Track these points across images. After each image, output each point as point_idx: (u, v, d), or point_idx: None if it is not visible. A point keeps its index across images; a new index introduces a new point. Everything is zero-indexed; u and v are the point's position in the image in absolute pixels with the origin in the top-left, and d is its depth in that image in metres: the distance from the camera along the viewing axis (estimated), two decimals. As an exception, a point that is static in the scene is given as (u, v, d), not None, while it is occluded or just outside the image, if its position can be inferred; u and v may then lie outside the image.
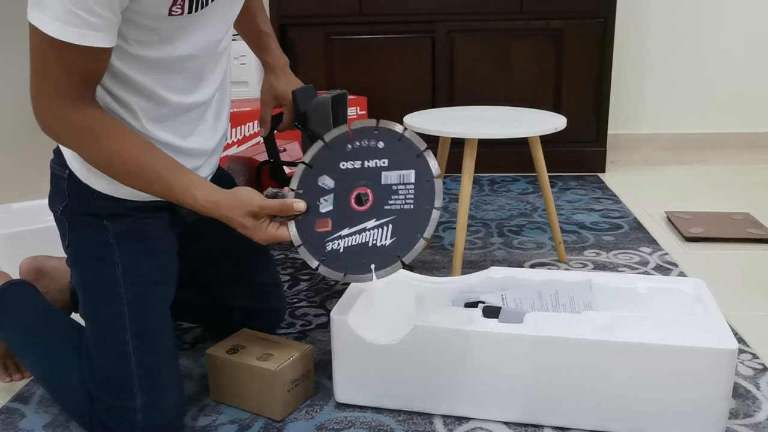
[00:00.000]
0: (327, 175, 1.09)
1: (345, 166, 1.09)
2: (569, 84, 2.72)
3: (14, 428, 1.19)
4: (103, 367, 1.12)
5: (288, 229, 1.08)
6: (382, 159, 1.09)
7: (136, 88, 1.09)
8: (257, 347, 1.24)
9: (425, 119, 1.77)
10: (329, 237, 1.08)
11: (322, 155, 1.10)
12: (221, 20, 1.14)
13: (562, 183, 2.68)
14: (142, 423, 1.09)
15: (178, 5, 1.01)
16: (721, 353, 1.06)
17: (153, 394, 1.10)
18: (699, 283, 1.29)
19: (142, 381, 1.10)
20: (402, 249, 1.08)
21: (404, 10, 2.67)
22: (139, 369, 1.10)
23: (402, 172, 1.09)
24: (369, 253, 1.08)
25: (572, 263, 1.86)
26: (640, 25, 3.07)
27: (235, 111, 2.31)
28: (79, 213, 1.16)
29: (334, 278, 1.09)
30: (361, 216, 1.09)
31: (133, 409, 1.09)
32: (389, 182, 1.09)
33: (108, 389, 1.11)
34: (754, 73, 3.10)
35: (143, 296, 1.14)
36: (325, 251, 1.08)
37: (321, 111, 1.32)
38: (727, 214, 2.22)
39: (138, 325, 1.12)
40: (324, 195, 1.09)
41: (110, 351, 1.12)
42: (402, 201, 1.08)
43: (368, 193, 1.09)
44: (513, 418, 1.16)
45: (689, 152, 3.13)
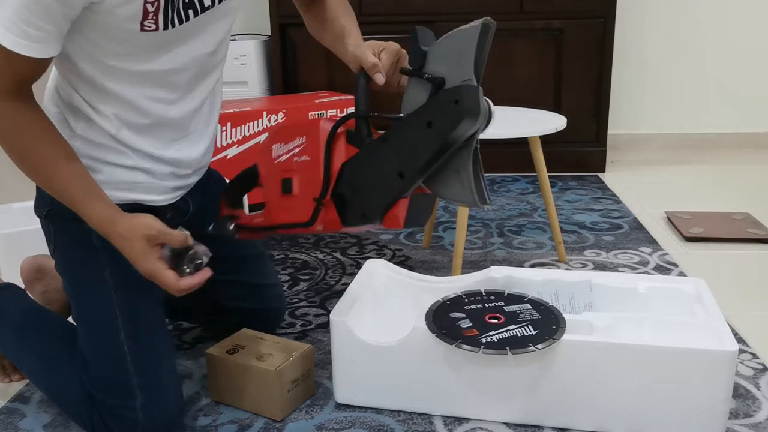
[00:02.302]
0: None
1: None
2: (569, 84, 2.72)
3: (14, 428, 1.19)
4: (100, 368, 1.12)
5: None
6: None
7: (114, 98, 1.09)
8: (257, 347, 1.24)
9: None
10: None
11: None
12: (209, 36, 1.13)
13: (562, 183, 2.67)
14: (144, 422, 1.09)
15: (150, 20, 1.01)
16: (722, 355, 1.06)
17: (152, 392, 1.10)
18: (699, 283, 1.29)
19: (140, 380, 1.10)
20: None
21: (404, 10, 2.67)
22: (136, 368, 1.10)
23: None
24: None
25: (572, 263, 1.86)
26: (640, 25, 3.07)
27: (235, 111, 2.32)
28: (62, 217, 1.15)
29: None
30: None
31: (134, 408, 1.09)
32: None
33: (107, 390, 1.11)
34: (754, 73, 3.10)
35: (134, 296, 1.14)
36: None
37: (460, 47, 0.94)
38: (727, 214, 2.22)
39: (131, 325, 1.12)
40: None
41: (106, 352, 1.12)
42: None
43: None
44: (513, 419, 1.16)
45: (689, 152, 3.13)
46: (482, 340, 1.12)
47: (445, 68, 0.94)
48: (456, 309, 1.22)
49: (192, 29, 1.09)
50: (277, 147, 1.08)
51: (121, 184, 1.16)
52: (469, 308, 1.23)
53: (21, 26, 0.92)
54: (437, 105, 0.92)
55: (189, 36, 1.10)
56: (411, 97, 0.98)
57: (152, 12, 1.01)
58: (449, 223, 2.23)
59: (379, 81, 1.02)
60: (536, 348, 1.09)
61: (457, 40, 0.94)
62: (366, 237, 2.10)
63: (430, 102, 0.94)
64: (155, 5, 1.00)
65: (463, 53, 0.93)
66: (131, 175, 1.16)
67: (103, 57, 1.05)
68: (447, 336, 1.13)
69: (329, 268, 1.86)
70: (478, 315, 1.20)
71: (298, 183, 1.05)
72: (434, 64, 0.95)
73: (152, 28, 1.02)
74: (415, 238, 2.09)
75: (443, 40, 0.95)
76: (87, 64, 1.06)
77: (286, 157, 1.06)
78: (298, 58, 2.78)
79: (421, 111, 0.94)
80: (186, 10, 1.05)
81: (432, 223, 1.98)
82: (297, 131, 1.05)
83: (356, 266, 1.87)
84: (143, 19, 1.01)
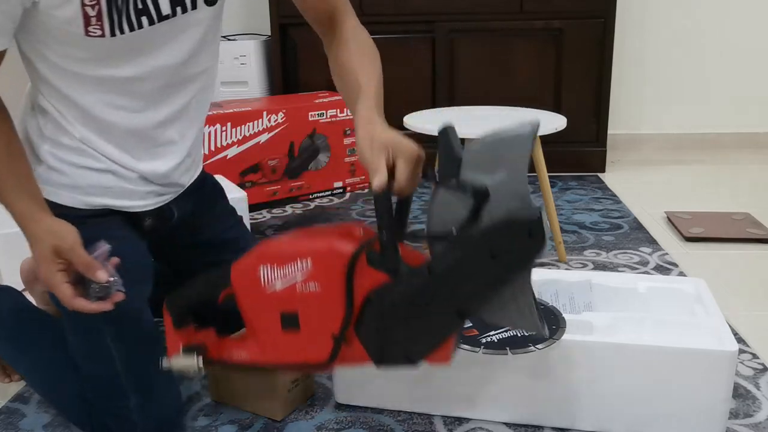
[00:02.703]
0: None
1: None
2: (569, 84, 2.72)
3: (14, 428, 1.19)
4: (92, 372, 1.12)
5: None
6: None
7: (71, 101, 1.07)
8: None
9: (425, 119, 1.76)
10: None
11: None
12: (175, 47, 1.09)
13: (562, 183, 2.67)
14: (142, 422, 1.09)
15: (95, 26, 0.98)
16: (722, 355, 1.06)
17: (145, 392, 1.10)
18: (699, 283, 1.29)
19: (131, 382, 1.10)
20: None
21: (404, 10, 2.67)
22: (126, 371, 1.10)
23: None
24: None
25: (572, 263, 1.86)
26: (640, 25, 3.07)
27: (235, 111, 2.32)
28: None
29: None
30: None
31: (129, 409, 1.09)
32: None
33: (101, 393, 1.11)
34: (754, 73, 3.10)
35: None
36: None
37: (506, 153, 0.83)
38: (727, 214, 2.22)
39: (116, 328, 1.11)
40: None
41: (95, 357, 1.11)
42: None
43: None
44: (513, 419, 1.16)
45: (689, 152, 3.13)
46: (482, 340, 1.12)
47: (486, 177, 0.82)
48: None
49: (151, 38, 1.04)
50: (266, 271, 0.87)
51: (90, 189, 1.13)
52: None
53: None
54: (503, 235, 0.79)
55: (149, 45, 1.05)
56: (442, 208, 0.84)
57: (94, 16, 0.97)
58: (449, 223, 2.22)
59: (375, 185, 0.85)
60: (536, 348, 1.09)
61: (502, 146, 0.83)
62: (366, 237, 2.10)
63: (492, 229, 0.80)
64: (96, 9, 0.96)
65: (510, 161, 0.82)
66: (100, 179, 1.14)
67: (56, 58, 1.03)
68: None
69: (329, 268, 1.86)
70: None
71: (306, 318, 0.87)
72: (471, 171, 0.83)
73: (98, 33, 0.98)
74: (415, 238, 2.09)
75: (482, 145, 0.83)
76: (42, 65, 1.05)
77: (283, 285, 0.87)
78: (298, 58, 2.78)
79: (479, 239, 0.80)
80: (139, 17, 1.01)
81: (432, 223, 1.98)
82: (297, 253, 0.85)
83: (356, 266, 1.87)
84: (87, 24, 0.97)
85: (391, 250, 0.83)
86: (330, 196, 2.56)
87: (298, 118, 2.42)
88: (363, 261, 0.84)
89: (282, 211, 2.40)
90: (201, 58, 1.14)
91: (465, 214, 0.82)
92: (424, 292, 0.82)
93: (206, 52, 1.15)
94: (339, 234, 0.87)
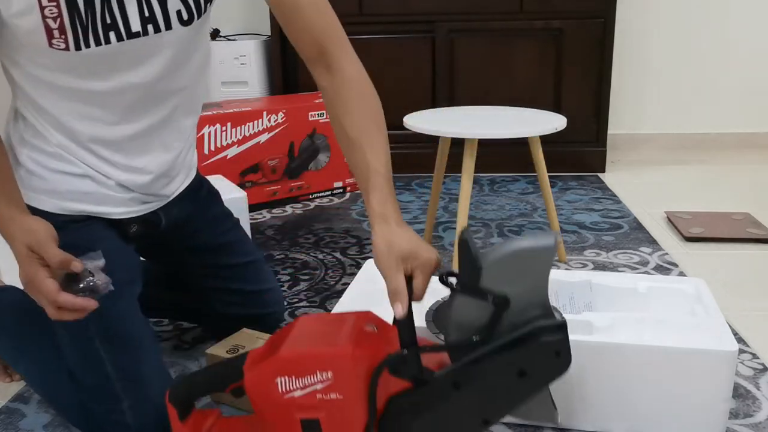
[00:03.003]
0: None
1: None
2: (569, 84, 2.72)
3: (14, 428, 1.19)
4: (83, 376, 1.12)
5: None
6: None
7: (42, 108, 1.06)
8: (257, 347, 1.24)
9: (425, 119, 1.76)
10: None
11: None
12: (147, 64, 1.05)
13: (562, 183, 2.67)
14: (135, 424, 1.08)
15: (59, 39, 0.95)
16: (722, 355, 1.06)
17: (137, 393, 1.09)
18: (699, 282, 1.29)
19: (122, 383, 1.09)
20: None
21: (404, 10, 2.67)
22: (117, 372, 1.09)
23: None
24: None
25: (572, 263, 1.86)
26: (640, 25, 3.07)
27: (235, 111, 2.32)
28: None
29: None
30: None
31: (121, 411, 1.08)
32: None
33: (93, 396, 1.11)
34: (755, 73, 3.10)
35: (103, 302, 1.13)
36: None
37: (527, 266, 0.85)
38: (727, 214, 2.22)
39: (104, 330, 1.10)
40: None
41: (85, 360, 1.11)
42: None
43: None
44: (513, 419, 1.16)
45: (689, 152, 3.13)
46: None
47: (507, 287, 0.84)
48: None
49: (121, 54, 1.02)
50: (283, 380, 0.86)
51: (70, 194, 1.12)
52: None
53: None
54: (530, 353, 0.84)
55: (121, 61, 1.02)
56: (460, 313, 0.87)
57: (56, 29, 0.94)
58: (449, 223, 2.23)
59: (398, 314, 0.87)
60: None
61: (524, 256, 0.84)
62: (366, 237, 2.10)
63: (520, 349, 0.84)
64: (58, 21, 0.93)
65: (532, 271, 0.85)
66: (80, 185, 1.13)
67: (28, 67, 1.02)
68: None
69: (329, 268, 1.86)
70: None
71: (327, 424, 0.87)
72: (491, 280, 0.85)
73: (62, 47, 0.96)
74: (415, 238, 2.09)
75: (504, 255, 0.85)
76: (16, 71, 1.04)
77: (303, 393, 0.86)
78: (298, 58, 2.77)
79: (506, 356, 0.84)
80: (106, 33, 0.98)
81: (432, 223, 1.98)
82: (316, 365, 0.85)
83: (356, 266, 1.87)
84: (49, 37, 0.95)
85: (415, 362, 0.85)
86: (330, 196, 2.56)
87: (298, 118, 2.42)
88: (386, 369, 0.86)
89: (282, 211, 2.40)
90: (179, 74, 1.11)
91: (485, 322, 0.85)
92: (451, 406, 0.85)
93: (185, 69, 1.12)
94: (355, 335, 0.87)
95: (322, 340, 0.88)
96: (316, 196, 2.54)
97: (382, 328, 0.93)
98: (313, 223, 2.25)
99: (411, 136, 2.01)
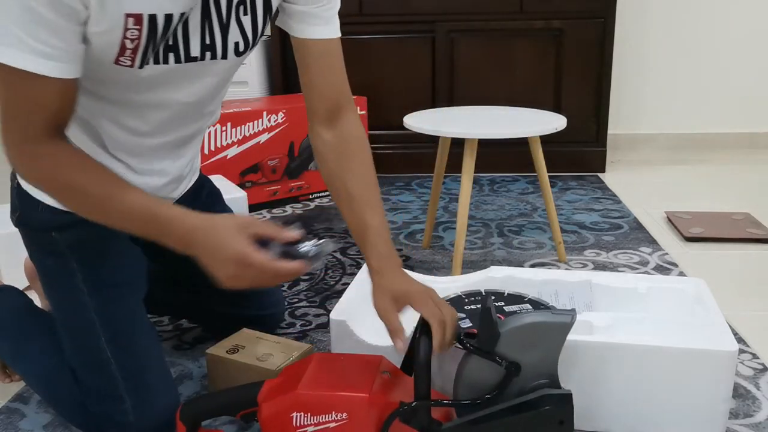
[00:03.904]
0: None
1: None
2: (569, 84, 2.72)
3: (14, 428, 1.19)
4: (86, 375, 1.12)
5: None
6: None
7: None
8: (257, 347, 1.24)
9: (425, 119, 1.76)
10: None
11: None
12: (195, 86, 1.07)
13: (562, 183, 2.67)
14: (136, 424, 1.09)
15: (128, 57, 0.95)
16: (722, 355, 1.06)
17: (140, 394, 1.10)
18: (699, 283, 1.29)
19: (126, 384, 1.09)
20: None
21: (404, 10, 2.67)
22: (122, 372, 1.10)
23: None
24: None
25: (572, 263, 1.86)
26: (640, 25, 3.07)
27: (235, 111, 2.32)
28: (29, 225, 1.14)
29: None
30: None
31: (124, 411, 1.09)
32: None
33: (95, 397, 1.11)
34: (754, 73, 3.10)
35: (109, 300, 1.13)
36: None
37: (543, 338, 0.95)
38: (727, 214, 2.22)
39: (111, 330, 1.11)
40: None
41: (89, 360, 1.11)
42: None
43: None
44: None
45: (689, 152, 3.13)
46: None
47: (520, 355, 0.94)
48: (456, 309, 1.22)
49: (173, 73, 1.02)
50: (298, 416, 0.93)
51: None
52: (469, 308, 1.23)
53: (27, 41, 0.85)
54: (535, 419, 0.93)
55: (171, 79, 1.03)
56: (473, 373, 0.96)
57: (130, 49, 0.94)
58: (449, 223, 2.23)
59: (398, 348, 0.99)
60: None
61: (541, 330, 0.94)
62: (366, 237, 2.10)
63: (526, 414, 0.93)
64: (135, 43, 0.93)
65: (546, 343, 0.95)
66: None
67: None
68: None
69: (329, 268, 1.86)
70: (478, 315, 1.19)
71: None
72: (506, 347, 0.94)
73: (127, 63, 0.96)
74: (415, 238, 2.09)
75: (522, 327, 0.94)
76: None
77: (316, 429, 0.93)
78: (298, 58, 2.77)
79: (512, 419, 0.93)
80: (166, 53, 0.99)
81: (432, 223, 1.98)
82: (334, 405, 0.92)
83: (356, 266, 1.87)
84: (120, 54, 0.94)
85: (425, 414, 0.92)
86: (330, 196, 2.56)
87: (298, 118, 2.42)
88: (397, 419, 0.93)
89: (282, 211, 2.40)
90: (215, 99, 1.15)
91: (495, 383, 0.95)
92: None
93: (220, 94, 1.16)
94: (371, 380, 0.94)
95: (340, 381, 0.95)
96: (316, 196, 2.54)
97: (395, 374, 0.99)
98: (313, 223, 2.25)
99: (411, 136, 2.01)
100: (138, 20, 0.91)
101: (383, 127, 2.74)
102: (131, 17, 0.91)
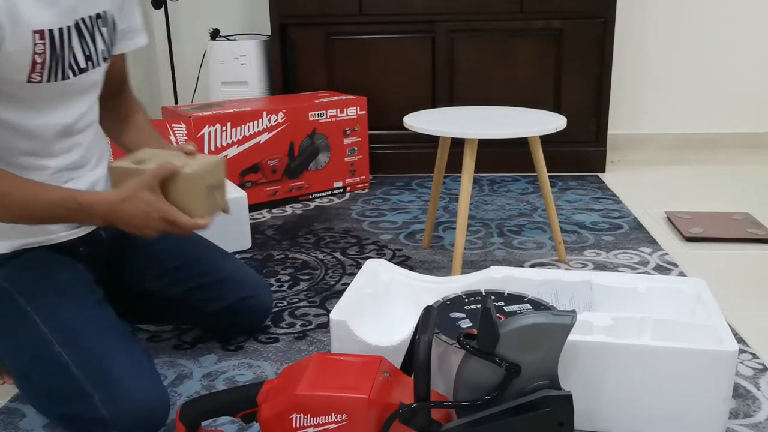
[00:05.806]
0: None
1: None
2: (569, 84, 2.72)
3: (14, 428, 1.19)
4: (48, 384, 1.10)
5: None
6: None
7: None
8: (165, 158, 1.16)
9: (425, 119, 1.77)
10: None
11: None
12: (80, 100, 1.19)
13: (562, 183, 2.67)
14: (111, 417, 1.06)
15: (37, 72, 1.07)
16: (722, 355, 1.06)
17: (108, 387, 1.07)
18: (699, 282, 1.29)
19: (92, 380, 1.08)
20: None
21: (404, 10, 2.67)
22: (83, 371, 1.08)
23: None
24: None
25: (572, 263, 1.86)
26: (640, 25, 3.07)
27: (235, 111, 2.32)
28: None
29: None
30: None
31: (94, 407, 1.07)
32: None
33: (65, 402, 1.10)
34: (754, 73, 3.10)
35: (55, 306, 1.14)
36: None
37: (543, 340, 0.96)
38: (727, 214, 2.22)
39: (62, 333, 1.11)
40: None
41: (48, 369, 1.10)
42: None
43: None
44: None
45: (689, 152, 3.13)
46: None
47: (520, 356, 0.95)
48: (456, 309, 1.22)
49: (69, 89, 1.15)
50: (298, 417, 0.94)
51: (13, 233, 1.17)
52: (469, 308, 1.23)
53: None
54: (535, 420, 0.94)
55: (66, 95, 1.15)
56: (473, 374, 0.97)
57: (40, 64, 1.06)
58: (449, 223, 2.23)
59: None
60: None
61: (541, 331, 0.95)
62: (366, 237, 2.10)
63: (526, 415, 0.94)
64: (42, 57, 1.06)
65: (546, 345, 0.95)
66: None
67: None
68: (447, 336, 1.13)
69: (329, 268, 1.86)
70: (478, 315, 1.20)
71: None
72: (506, 348, 0.95)
73: (37, 80, 1.08)
74: (415, 238, 2.09)
75: (522, 328, 0.94)
76: None
77: (315, 430, 0.94)
78: (298, 58, 2.78)
79: (511, 420, 0.94)
80: (64, 69, 1.12)
81: (432, 223, 1.98)
82: (334, 406, 0.93)
83: (356, 266, 1.87)
84: (31, 72, 1.06)
85: (425, 416, 0.93)
86: (330, 196, 2.56)
87: (298, 118, 2.42)
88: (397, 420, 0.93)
89: (282, 211, 2.40)
90: (92, 111, 1.26)
91: (495, 385, 0.96)
92: None
93: (95, 106, 1.27)
94: (372, 381, 0.94)
95: (340, 382, 0.95)
96: (316, 196, 2.54)
97: (395, 375, 0.99)
98: (313, 223, 2.25)
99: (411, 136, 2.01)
100: (42, 36, 1.05)
101: (383, 127, 2.74)
102: (37, 33, 1.05)
